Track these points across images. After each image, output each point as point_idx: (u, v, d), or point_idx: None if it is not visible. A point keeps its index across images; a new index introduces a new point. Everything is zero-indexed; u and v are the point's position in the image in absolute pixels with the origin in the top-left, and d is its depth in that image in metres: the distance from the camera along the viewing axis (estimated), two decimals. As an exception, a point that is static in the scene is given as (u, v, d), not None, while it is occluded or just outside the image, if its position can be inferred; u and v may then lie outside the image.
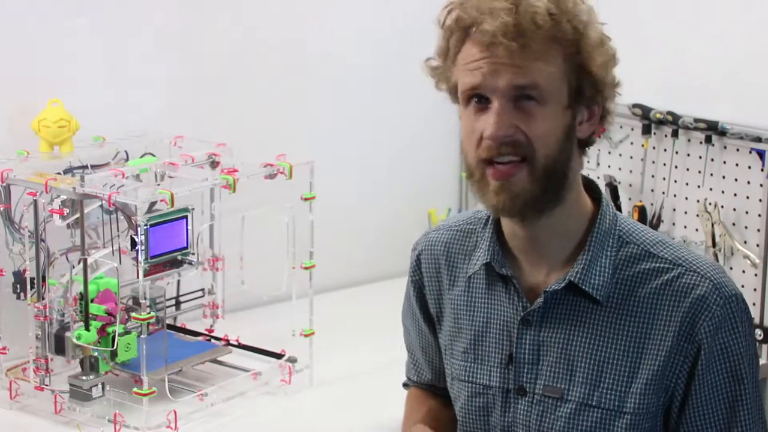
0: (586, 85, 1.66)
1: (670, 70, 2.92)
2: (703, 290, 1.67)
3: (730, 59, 2.80)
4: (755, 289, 2.74)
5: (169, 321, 2.69)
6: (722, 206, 2.80)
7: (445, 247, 1.87)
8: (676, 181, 2.90)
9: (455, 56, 1.70)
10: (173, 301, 2.73)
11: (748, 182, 2.75)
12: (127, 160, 2.60)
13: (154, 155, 2.62)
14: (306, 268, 2.59)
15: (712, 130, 2.79)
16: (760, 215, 2.73)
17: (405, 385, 2.09)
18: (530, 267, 1.75)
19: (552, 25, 1.62)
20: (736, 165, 2.77)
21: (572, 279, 1.69)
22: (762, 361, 2.75)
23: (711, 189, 2.82)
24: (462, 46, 1.68)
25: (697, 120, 2.81)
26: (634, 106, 2.93)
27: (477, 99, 1.66)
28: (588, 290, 1.69)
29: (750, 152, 2.74)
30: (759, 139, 2.71)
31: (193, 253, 2.48)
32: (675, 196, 2.91)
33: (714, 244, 2.79)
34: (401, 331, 2.05)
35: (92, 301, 2.38)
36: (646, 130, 2.94)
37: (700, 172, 2.84)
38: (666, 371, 1.68)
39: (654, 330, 1.68)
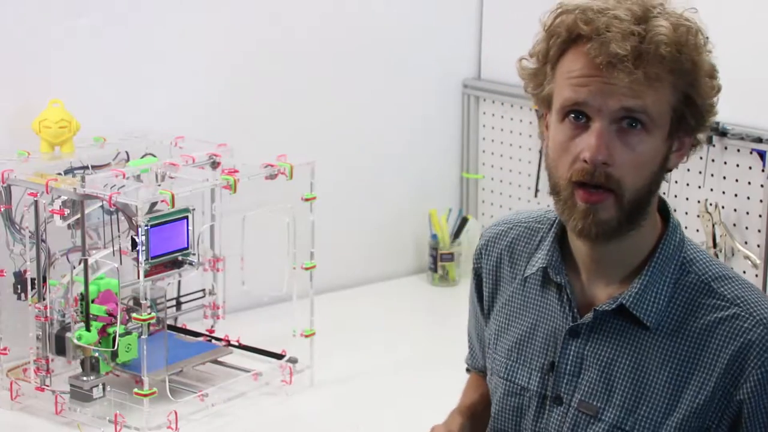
0: (689, 116, 1.62)
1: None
2: (755, 336, 1.61)
3: (731, 60, 2.77)
4: (756, 290, 2.74)
5: (169, 321, 2.70)
6: (723, 207, 2.80)
7: (510, 243, 1.83)
8: (676, 182, 2.90)
9: (555, 63, 1.63)
10: (174, 302, 2.73)
11: (749, 183, 2.75)
12: (127, 160, 2.60)
13: (154, 156, 2.62)
14: (307, 269, 2.59)
15: (713, 131, 2.79)
16: (760, 216, 2.73)
17: (467, 370, 2.07)
18: (588, 279, 1.71)
19: (673, 56, 1.58)
20: (737, 166, 2.77)
21: (624, 302, 1.66)
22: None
23: (712, 189, 2.82)
24: (565, 54, 1.62)
25: (697, 120, 2.81)
26: (635, 106, 2.93)
27: (575, 115, 1.60)
28: (638, 315, 1.65)
29: (751, 153, 2.74)
30: (759, 140, 2.71)
31: (194, 254, 2.48)
32: (676, 196, 2.91)
33: (715, 245, 2.79)
34: (402, 331, 2.04)
35: (93, 301, 2.38)
36: (647, 131, 2.94)
37: (700, 172, 2.84)
38: (707, 411, 1.63)
39: (700, 366, 1.63)
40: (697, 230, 2.85)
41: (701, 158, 2.83)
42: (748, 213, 2.76)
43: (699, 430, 1.63)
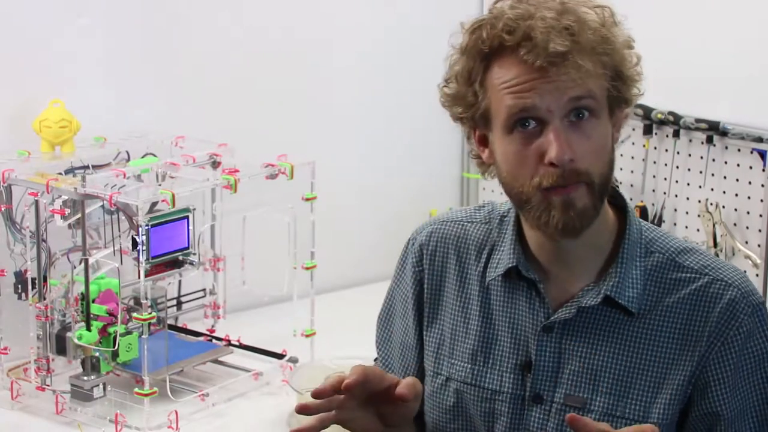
0: (623, 90, 1.65)
1: (672, 71, 2.92)
2: (731, 300, 1.66)
3: (732, 59, 2.80)
4: (756, 290, 2.74)
5: (170, 321, 2.70)
6: (723, 206, 2.80)
7: (455, 242, 1.82)
8: (677, 182, 2.90)
9: (483, 78, 1.63)
10: (174, 302, 2.73)
11: (750, 182, 2.75)
12: (128, 160, 2.60)
13: (155, 155, 2.62)
14: (307, 269, 2.59)
15: (714, 131, 2.79)
16: (761, 215, 2.73)
17: None
18: (555, 275, 1.72)
19: (603, 39, 1.60)
20: (738, 165, 2.77)
21: (608, 293, 1.67)
22: (763, 362, 2.75)
23: (712, 189, 2.82)
24: (491, 67, 1.62)
25: (698, 120, 2.81)
26: (636, 106, 2.92)
27: (523, 122, 1.60)
28: (624, 303, 1.67)
29: (751, 152, 2.74)
30: (760, 139, 2.71)
31: (195, 254, 2.48)
32: (676, 196, 2.91)
33: (715, 245, 2.79)
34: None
35: (93, 301, 2.38)
36: (648, 131, 2.94)
37: (701, 172, 2.84)
38: (692, 380, 1.66)
39: (683, 340, 1.66)
40: (698, 230, 2.85)
41: (702, 158, 2.83)
42: (748, 213, 2.76)
43: (685, 398, 1.67)
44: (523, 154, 1.60)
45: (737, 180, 2.78)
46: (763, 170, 2.71)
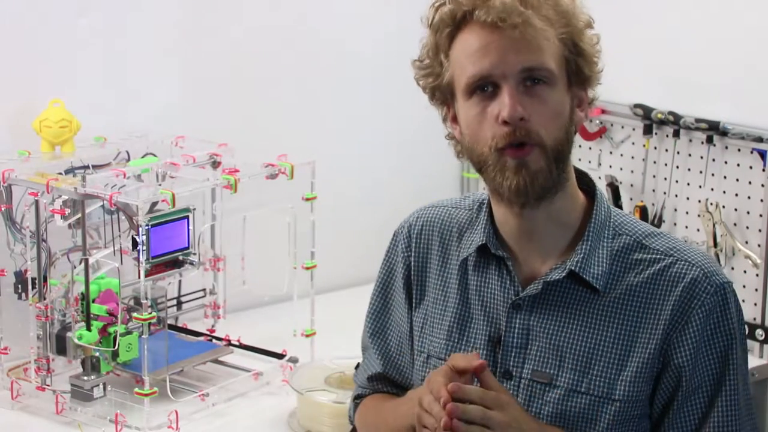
0: (582, 65, 1.70)
1: (672, 70, 2.92)
2: (694, 279, 1.70)
3: (732, 59, 2.80)
4: (756, 289, 2.74)
5: (170, 321, 2.70)
6: (723, 206, 2.80)
7: (440, 226, 1.88)
8: (677, 182, 2.90)
9: (448, 50, 1.71)
10: (174, 302, 2.73)
11: (750, 182, 2.75)
12: (128, 160, 2.60)
13: (155, 155, 2.62)
14: (307, 268, 2.59)
15: (714, 131, 2.79)
16: (761, 215, 2.73)
17: (358, 397, 2.03)
18: (523, 255, 1.76)
19: (553, 2, 1.67)
20: (738, 165, 2.78)
21: (573, 268, 1.71)
22: (762, 362, 2.75)
23: (712, 189, 2.82)
24: (456, 39, 1.70)
25: (698, 120, 2.81)
26: (636, 106, 2.94)
27: (482, 88, 1.67)
28: (588, 279, 1.71)
29: (751, 152, 2.74)
30: (760, 139, 2.71)
31: (195, 254, 2.48)
32: (676, 196, 2.91)
33: (715, 245, 2.79)
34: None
35: (93, 301, 2.38)
36: (648, 131, 2.94)
37: (701, 172, 2.84)
38: (657, 359, 1.70)
39: (645, 319, 1.70)
40: (698, 230, 2.85)
41: (702, 158, 2.83)
42: (748, 212, 2.76)
43: (651, 378, 1.71)
44: (482, 116, 1.68)
45: (737, 180, 2.78)
46: (763, 170, 2.72)
